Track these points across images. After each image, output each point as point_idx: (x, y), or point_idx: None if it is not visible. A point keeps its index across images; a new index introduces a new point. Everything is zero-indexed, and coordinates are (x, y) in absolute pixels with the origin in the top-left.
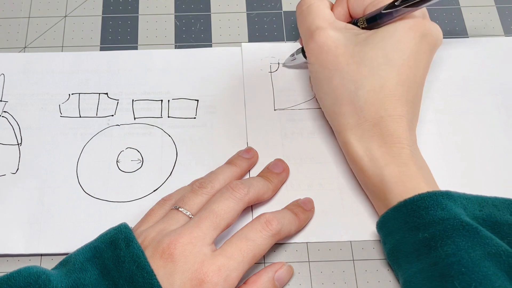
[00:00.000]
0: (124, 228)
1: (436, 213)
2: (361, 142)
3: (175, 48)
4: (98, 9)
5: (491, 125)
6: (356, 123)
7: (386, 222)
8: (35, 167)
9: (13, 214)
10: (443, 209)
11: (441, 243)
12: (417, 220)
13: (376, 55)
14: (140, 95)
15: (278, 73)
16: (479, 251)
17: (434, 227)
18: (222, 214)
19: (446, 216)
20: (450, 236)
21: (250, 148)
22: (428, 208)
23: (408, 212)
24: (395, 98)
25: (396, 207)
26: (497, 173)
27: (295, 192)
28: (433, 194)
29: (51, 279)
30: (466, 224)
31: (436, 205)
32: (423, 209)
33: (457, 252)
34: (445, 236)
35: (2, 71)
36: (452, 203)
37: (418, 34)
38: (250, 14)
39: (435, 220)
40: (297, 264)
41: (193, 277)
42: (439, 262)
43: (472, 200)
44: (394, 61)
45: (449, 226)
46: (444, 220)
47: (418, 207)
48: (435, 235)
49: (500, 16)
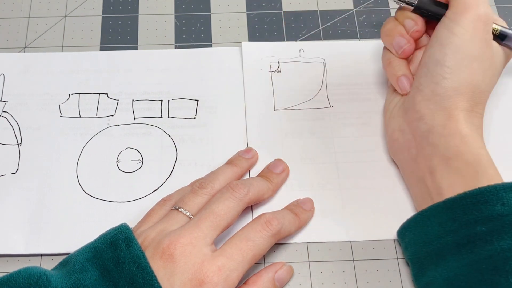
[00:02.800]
0: (124, 228)
1: (495, 208)
2: (467, 122)
3: (175, 48)
4: (98, 9)
5: (491, 125)
6: (466, 108)
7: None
8: (35, 167)
9: (13, 214)
10: (504, 204)
11: (498, 237)
12: (476, 213)
13: (498, 64)
14: (140, 95)
15: (279, 73)
16: None
17: (493, 222)
18: (222, 214)
19: (505, 212)
20: (508, 232)
21: (250, 148)
22: (488, 202)
23: (467, 205)
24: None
25: (454, 199)
26: None
27: (295, 192)
28: (494, 188)
29: (52, 280)
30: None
31: (496, 199)
32: (483, 204)
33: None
34: (503, 231)
35: (2, 71)
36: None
37: None
38: (250, 14)
39: (494, 216)
40: (297, 264)
41: (193, 278)
42: (494, 255)
43: None
44: (499, 73)
45: (508, 221)
46: (503, 216)
47: (478, 201)
48: (493, 229)
49: (500, 16)
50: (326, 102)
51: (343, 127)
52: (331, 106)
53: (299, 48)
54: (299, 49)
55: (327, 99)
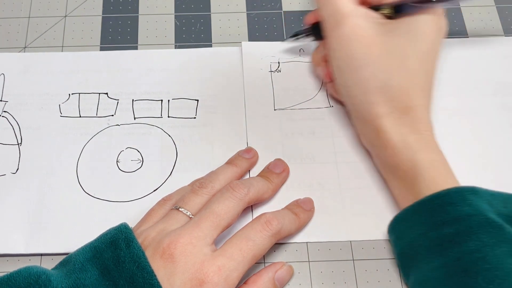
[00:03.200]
0: (124, 228)
1: (462, 209)
2: (395, 128)
3: (175, 48)
4: (98, 9)
5: (491, 125)
6: (387, 112)
7: (409, 215)
8: (35, 167)
9: (13, 214)
10: (470, 205)
11: (466, 238)
12: (443, 215)
13: (405, 46)
14: (140, 95)
15: (279, 73)
16: (504, 248)
17: (459, 223)
18: (222, 214)
19: (472, 213)
20: (475, 232)
21: (250, 148)
22: (454, 203)
23: (434, 207)
24: (421, 89)
25: (421, 201)
26: (497, 173)
27: (295, 192)
28: (460, 190)
29: (51, 279)
30: (491, 221)
31: (462, 201)
32: (449, 205)
33: (482, 248)
34: (470, 232)
35: (2, 71)
36: (479, 199)
37: (437, 27)
38: (250, 14)
39: (461, 216)
40: (297, 264)
41: (193, 277)
42: (463, 257)
43: (496, 196)
44: (421, 53)
45: (475, 222)
46: (470, 216)
47: (444, 202)
48: (460, 230)
49: (500, 16)
50: (326, 102)
51: (343, 127)
52: (331, 106)
53: (299, 48)
54: (299, 49)
55: (327, 99)
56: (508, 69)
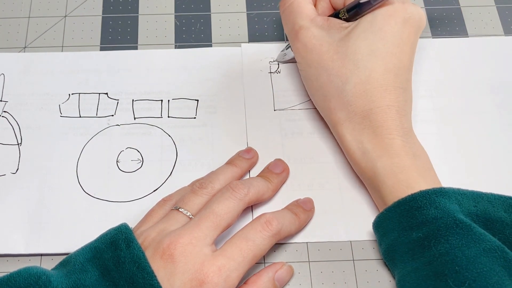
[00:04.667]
0: (124, 228)
1: (429, 212)
2: (353, 136)
3: (175, 48)
4: (98, 9)
5: (491, 124)
6: (346, 117)
7: (381, 222)
8: (35, 167)
9: (13, 214)
10: (436, 208)
11: (435, 242)
12: (411, 220)
13: (360, 47)
14: (140, 95)
15: (278, 74)
16: (474, 249)
17: (427, 227)
18: (222, 214)
19: (439, 215)
20: (444, 235)
21: (250, 148)
22: (421, 207)
23: (402, 213)
24: (382, 89)
25: (390, 208)
26: (497, 173)
27: (295, 192)
28: (426, 193)
29: (52, 280)
30: (459, 222)
31: (429, 204)
32: (416, 209)
33: (450, 250)
34: (438, 235)
35: (2, 71)
36: (446, 200)
37: (399, 19)
38: (250, 14)
39: (428, 220)
40: (297, 264)
41: (194, 278)
42: (433, 261)
43: (467, 195)
44: (378, 50)
45: (442, 224)
46: (437, 219)
47: (411, 207)
48: (428, 234)
49: (500, 16)
50: None
51: None
52: None
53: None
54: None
55: None
56: (508, 69)
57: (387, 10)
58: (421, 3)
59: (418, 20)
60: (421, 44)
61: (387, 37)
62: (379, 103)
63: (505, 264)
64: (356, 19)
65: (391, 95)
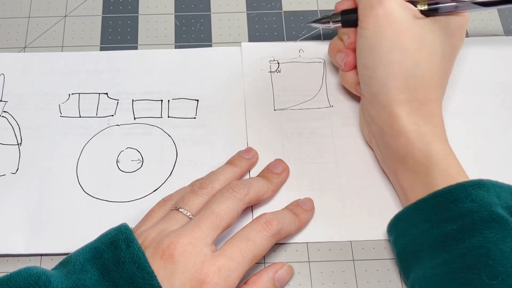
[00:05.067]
0: (124, 228)
1: (465, 206)
2: (411, 117)
3: (175, 48)
4: (98, 9)
5: (491, 124)
6: (407, 100)
7: (412, 213)
8: (35, 167)
9: (13, 214)
10: (473, 201)
11: (469, 235)
12: (446, 213)
13: (434, 42)
14: (140, 95)
15: (278, 73)
16: (510, 243)
17: (462, 220)
18: (222, 214)
19: (475, 209)
20: (479, 229)
21: (250, 148)
22: (457, 200)
23: (436, 205)
24: (440, 86)
25: (424, 200)
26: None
27: (295, 192)
28: (462, 186)
29: (52, 280)
30: (496, 216)
31: (465, 197)
32: (452, 202)
33: (485, 244)
34: (473, 228)
35: (2, 71)
36: (485, 192)
37: (463, 31)
38: (250, 14)
39: (463, 213)
40: (297, 264)
41: (194, 278)
42: (466, 254)
43: (505, 189)
44: (445, 52)
45: (478, 218)
46: (473, 213)
47: (447, 200)
48: (463, 227)
49: (500, 16)
50: (326, 102)
51: (343, 127)
52: (331, 106)
53: (298, 48)
54: (298, 50)
55: (327, 99)
56: (508, 69)
57: (459, 20)
58: None
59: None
60: None
61: (454, 44)
62: (437, 96)
63: None
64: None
65: (443, 93)
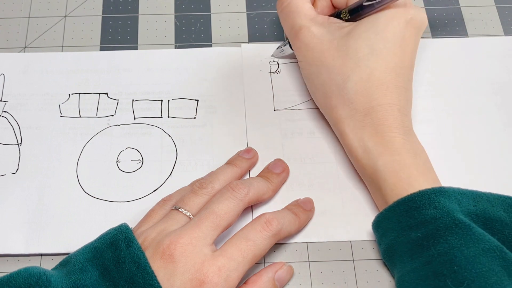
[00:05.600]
0: (124, 228)
1: (428, 212)
2: (355, 133)
3: (175, 48)
4: (98, 9)
5: (491, 124)
6: (347, 115)
7: (380, 222)
8: (35, 167)
9: (13, 214)
10: (436, 208)
11: (434, 242)
12: (410, 220)
13: (361, 46)
14: (140, 95)
15: (278, 74)
16: (473, 249)
17: (426, 227)
18: (222, 214)
19: (438, 215)
20: (443, 235)
21: (250, 148)
22: (420, 207)
23: (401, 213)
24: (384, 87)
25: (389, 208)
26: (497, 173)
27: (295, 192)
28: (425, 193)
29: (52, 280)
30: (459, 222)
31: (428, 204)
32: (415, 209)
33: (449, 250)
34: (437, 235)
35: (2, 71)
36: (446, 199)
37: (401, 21)
38: (250, 14)
39: (427, 220)
40: (297, 264)
41: (194, 278)
42: (432, 261)
43: (467, 195)
44: (379, 50)
45: (442, 224)
46: (436, 219)
47: (410, 207)
48: (427, 234)
49: (500, 16)
50: None
51: None
52: None
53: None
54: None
55: None
56: (508, 69)
57: (389, 12)
58: (421, 3)
59: (420, 22)
60: (421, 44)
61: (388, 37)
62: (380, 101)
63: (504, 264)
64: (356, 20)
65: (392, 94)
